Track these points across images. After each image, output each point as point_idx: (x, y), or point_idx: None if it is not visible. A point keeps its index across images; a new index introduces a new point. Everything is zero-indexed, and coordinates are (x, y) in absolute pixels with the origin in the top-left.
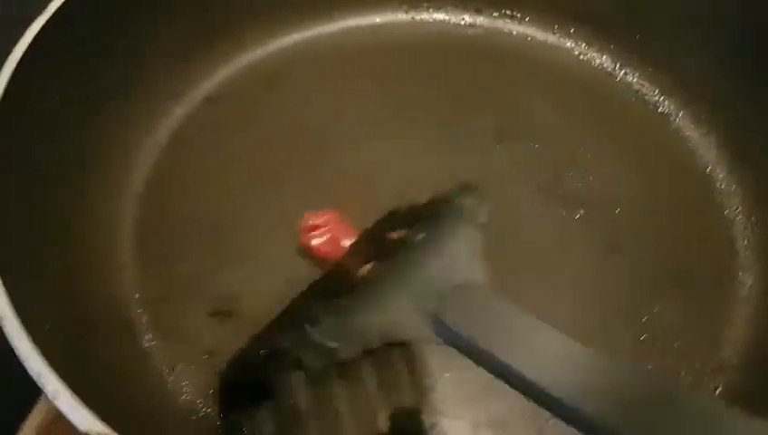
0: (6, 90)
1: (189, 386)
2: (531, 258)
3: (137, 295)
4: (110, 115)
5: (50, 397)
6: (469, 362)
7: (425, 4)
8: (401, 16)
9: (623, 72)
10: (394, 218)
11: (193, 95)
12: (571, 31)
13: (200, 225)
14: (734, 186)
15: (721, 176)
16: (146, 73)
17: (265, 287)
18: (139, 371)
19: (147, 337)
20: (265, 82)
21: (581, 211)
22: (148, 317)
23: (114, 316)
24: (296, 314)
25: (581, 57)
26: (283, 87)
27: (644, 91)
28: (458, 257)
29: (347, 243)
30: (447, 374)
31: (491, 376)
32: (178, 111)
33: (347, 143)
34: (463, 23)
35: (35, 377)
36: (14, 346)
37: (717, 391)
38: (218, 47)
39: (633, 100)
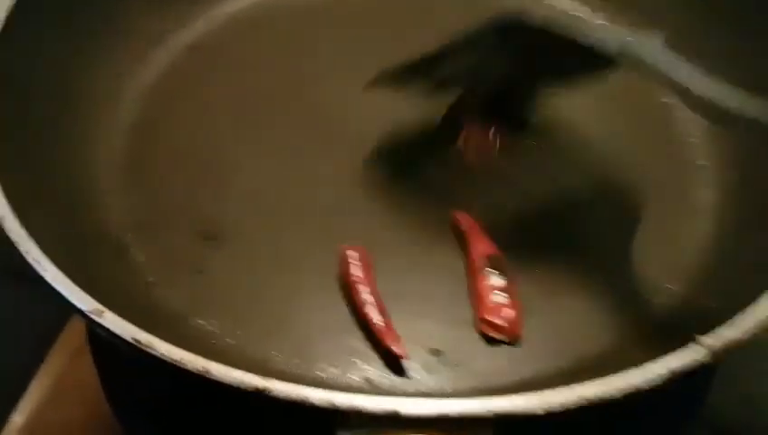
0: None
1: (177, 299)
2: None
3: (126, 220)
4: (93, 56)
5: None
6: None
7: None
8: None
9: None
10: None
11: (174, 43)
12: None
13: (184, 158)
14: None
15: (679, 105)
16: (127, 17)
17: (250, 212)
18: (129, 283)
19: (137, 257)
20: (245, 31)
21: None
22: (137, 239)
23: (105, 237)
24: None
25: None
26: (262, 36)
27: None
28: None
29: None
30: None
31: None
32: (161, 58)
33: (326, 87)
34: None
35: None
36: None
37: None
38: None
39: None
